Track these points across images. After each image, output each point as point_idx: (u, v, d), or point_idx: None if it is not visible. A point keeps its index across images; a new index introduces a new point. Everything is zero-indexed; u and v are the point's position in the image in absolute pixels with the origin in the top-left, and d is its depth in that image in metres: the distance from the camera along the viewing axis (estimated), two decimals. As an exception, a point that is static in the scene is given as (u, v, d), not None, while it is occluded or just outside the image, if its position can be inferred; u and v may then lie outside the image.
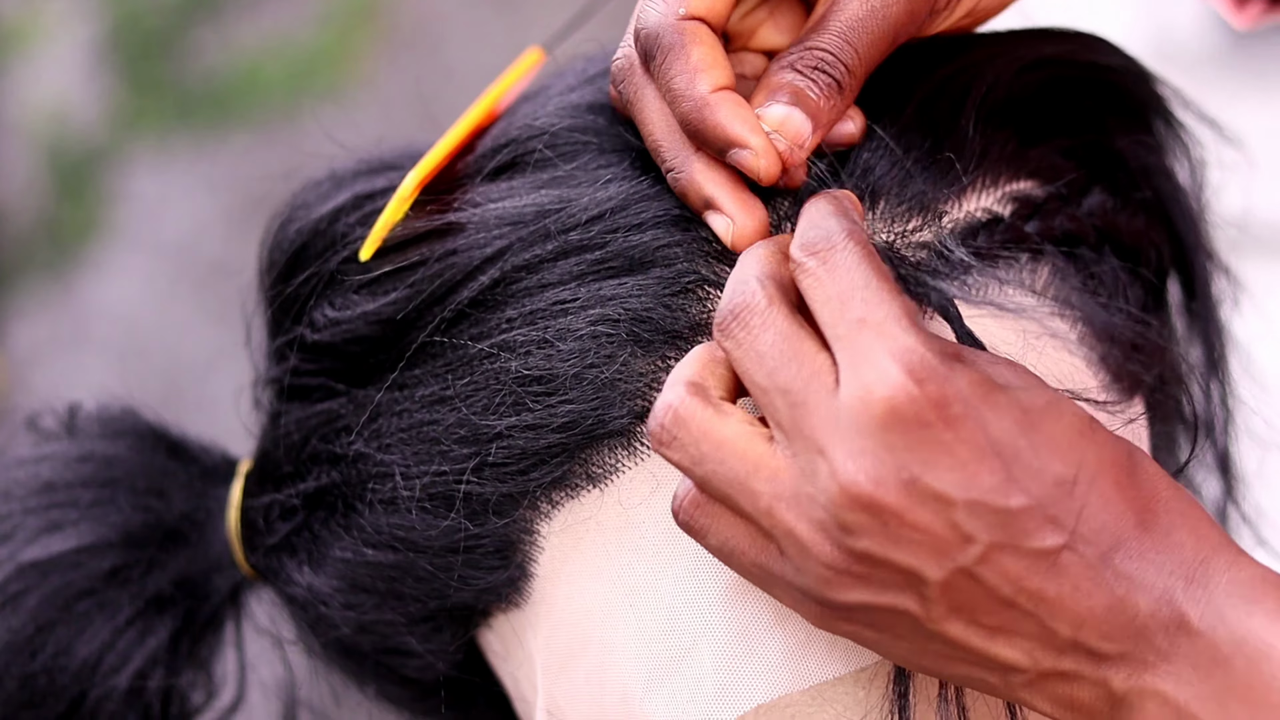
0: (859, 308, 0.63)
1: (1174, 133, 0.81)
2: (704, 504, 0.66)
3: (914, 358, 0.62)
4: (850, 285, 0.64)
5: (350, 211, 0.78)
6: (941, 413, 0.62)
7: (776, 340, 0.65)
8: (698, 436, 0.65)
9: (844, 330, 0.63)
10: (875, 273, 0.64)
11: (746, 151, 0.69)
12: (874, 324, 0.63)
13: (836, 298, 0.64)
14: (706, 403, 0.65)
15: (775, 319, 0.65)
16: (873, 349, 0.63)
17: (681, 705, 0.71)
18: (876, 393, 0.62)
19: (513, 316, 0.73)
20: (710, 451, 0.65)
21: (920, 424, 0.62)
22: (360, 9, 2.68)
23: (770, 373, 0.64)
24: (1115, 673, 0.64)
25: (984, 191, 0.73)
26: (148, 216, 2.64)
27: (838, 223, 0.65)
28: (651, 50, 0.71)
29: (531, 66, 0.84)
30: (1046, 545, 0.63)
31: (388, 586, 0.77)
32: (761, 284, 0.66)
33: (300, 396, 0.79)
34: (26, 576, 0.83)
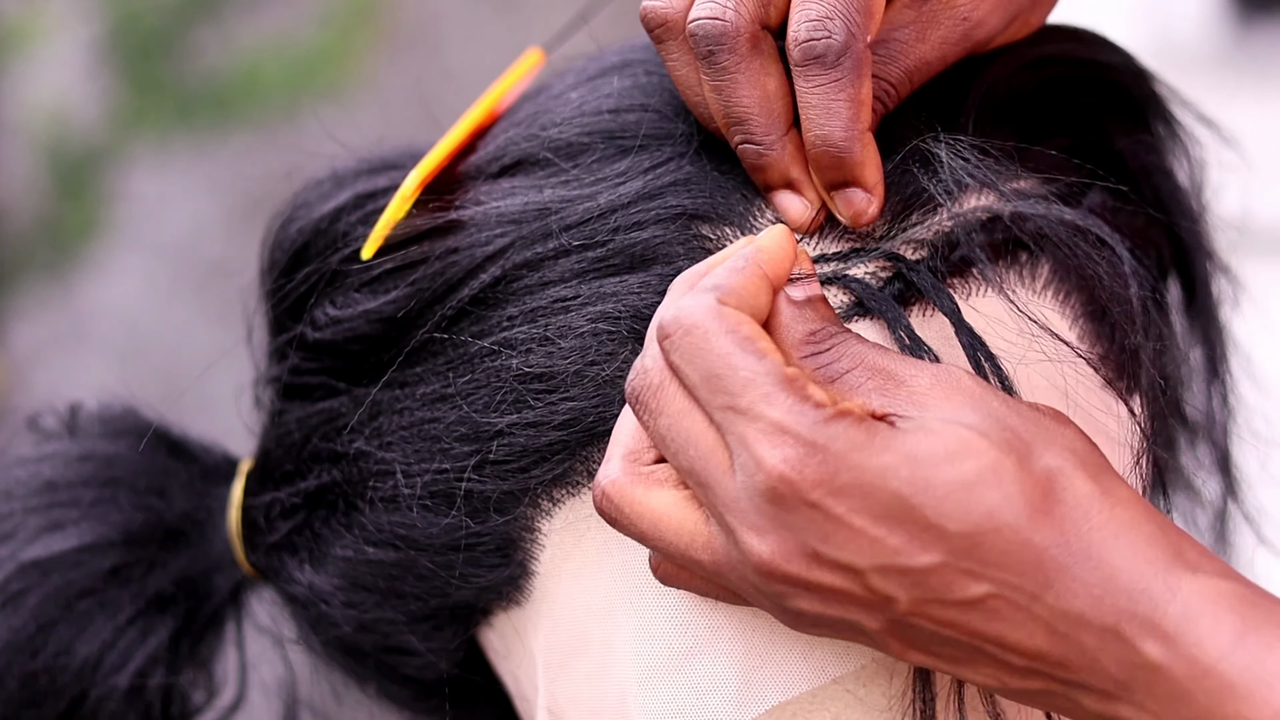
0: (722, 395, 0.63)
1: (1173, 132, 0.81)
2: (672, 572, 0.68)
3: (786, 438, 0.62)
4: (710, 369, 0.64)
5: (351, 211, 0.78)
6: (827, 488, 0.62)
7: (670, 423, 0.65)
8: (633, 517, 0.66)
9: (718, 417, 0.64)
10: (737, 347, 0.64)
11: (863, 196, 0.70)
12: (740, 409, 0.63)
13: (701, 384, 0.64)
14: (636, 478, 0.66)
15: (667, 401, 0.65)
16: (746, 435, 0.63)
17: (684, 704, 0.71)
18: (758, 480, 0.62)
19: (514, 314, 0.73)
20: (649, 530, 0.66)
21: (808, 505, 0.62)
22: (360, 9, 2.68)
23: (674, 455, 0.65)
24: (1084, 697, 0.63)
25: (984, 190, 0.73)
26: (148, 216, 2.64)
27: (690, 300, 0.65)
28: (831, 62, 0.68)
29: (532, 67, 0.84)
30: (970, 595, 0.62)
31: (389, 585, 0.77)
32: (655, 361, 0.66)
33: (301, 395, 0.79)
34: (28, 575, 0.83)
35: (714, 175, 0.73)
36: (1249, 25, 2.25)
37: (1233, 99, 1.01)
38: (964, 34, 0.72)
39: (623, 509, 0.66)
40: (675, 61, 0.73)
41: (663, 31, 0.72)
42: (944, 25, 0.72)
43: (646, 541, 0.66)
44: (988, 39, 0.73)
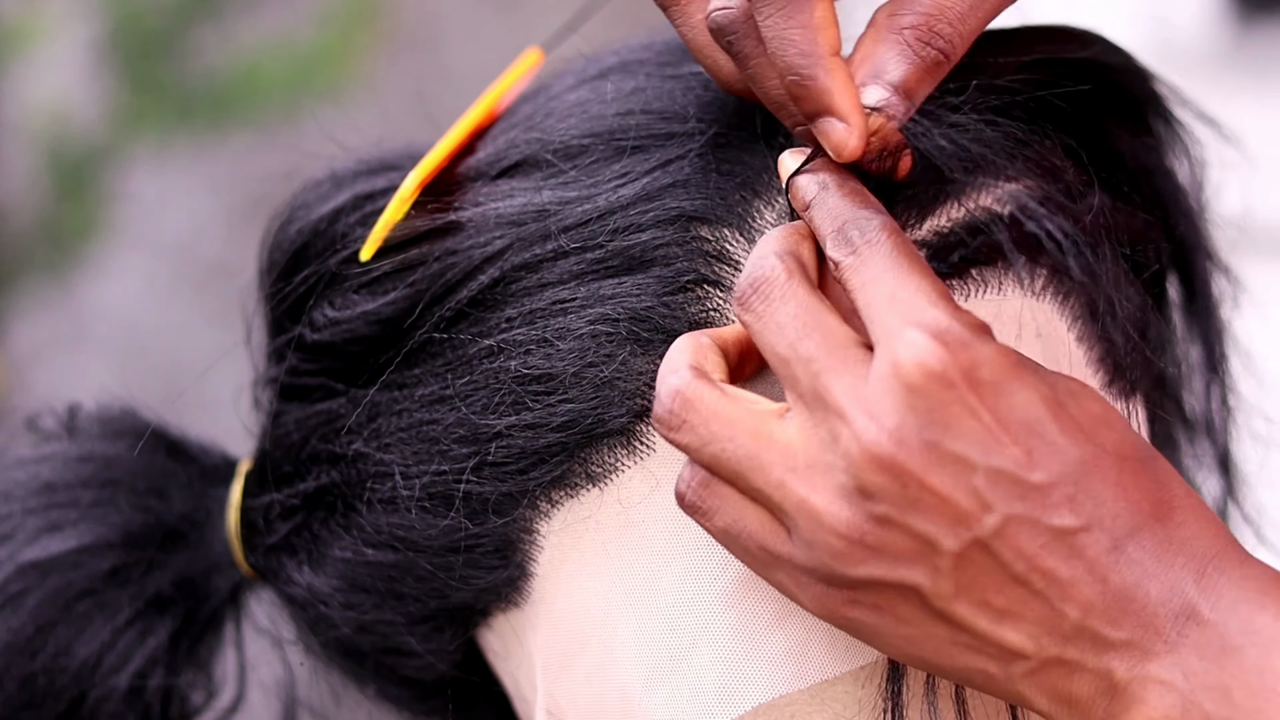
0: (890, 286, 0.64)
1: (1173, 132, 0.81)
2: (711, 484, 0.66)
3: (942, 326, 0.63)
4: (882, 270, 0.64)
5: (350, 212, 0.78)
6: (968, 378, 0.62)
7: (798, 312, 0.65)
8: (707, 417, 0.65)
9: (876, 309, 0.64)
10: (907, 258, 0.65)
11: (841, 125, 0.68)
12: (904, 299, 0.63)
13: (871, 280, 0.64)
14: (711, 384, 0.66)
15: (796, 291, 0.65)
16: (903, 321, 0.63)
17: (681, 704, 0.71)
18: (903, 357, 0.62)
19: (512, 316, 0.73)
20: (720, 430, 0.65)
21: (946, 386, 0.62)
22: (360, 9, 2.68)
23: (792, 343, 0.65)
24: (1119, 661, 0.63)
25: (983, 191, 0.73)
26: (148, 216, 2.64)
27: (870, 214, 0.66)
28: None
29: (531, 67, 0.84)
30: (1064, 524, 0.63)
31: (387, 586, 0.77)
32: (780, 258, 0.66)
33: (300, 396, 0.79)
34: (26, 577, 0.83)
35: (713, 177, 0.73)
36: (1249, 25, 2.25)
37: (1232, 99, 1.01)
38: None
39: (697, 407, 0.65)
40: (682, 25, 0.72)
41: None
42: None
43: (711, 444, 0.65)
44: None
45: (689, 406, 0.65)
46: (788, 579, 0.66)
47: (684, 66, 0.77)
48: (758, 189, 0.73)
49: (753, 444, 0.65)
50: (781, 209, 0.73)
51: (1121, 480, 0.63)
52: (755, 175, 0.73)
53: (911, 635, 0.65)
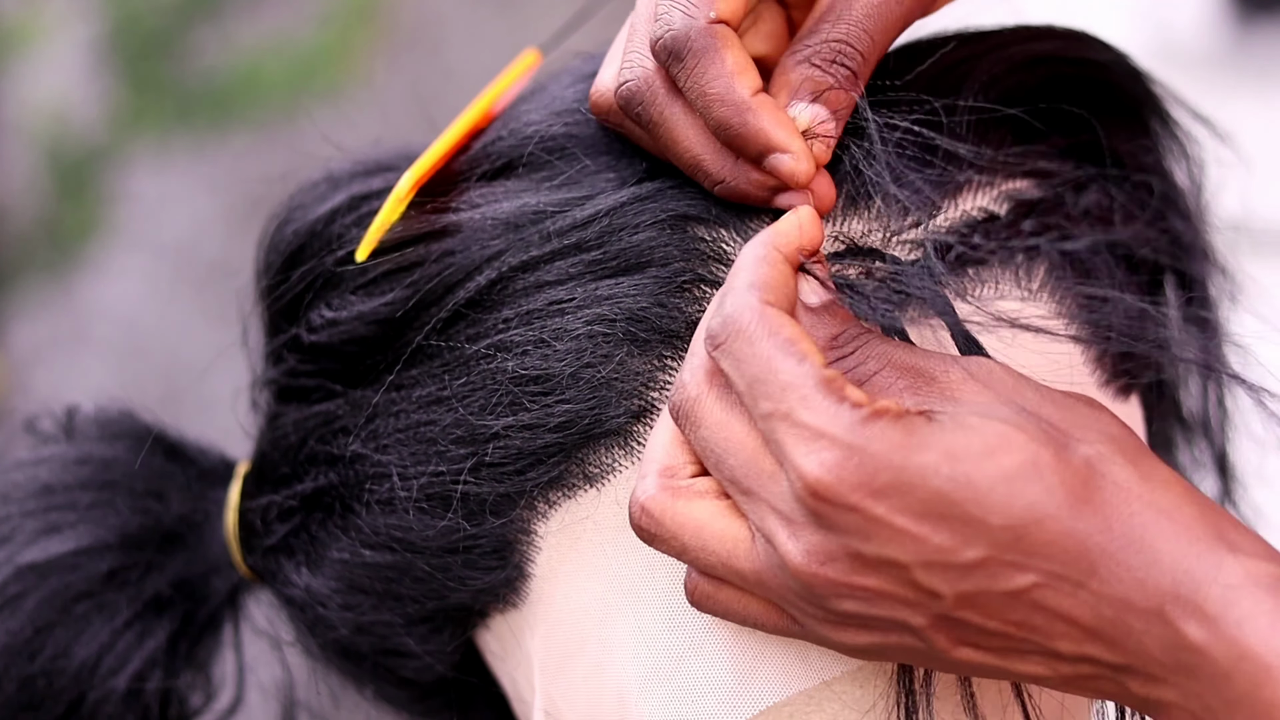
0: (765, 402, 0.63)
1: (1170, 132, 0.81)
2: (710, 591, 0.67)
3: (824, 443, 0.62)
4: (754, 376, 0.64)
5: (346, 213, 0.78)
6: (867, 490, 0.62)
7: (712, 433, 0.65)
8: (675, 529, 0.66)
9: (760, 424, 0.64)
10: (778, 351, 0.63)
11: (787, 156, 0.69)
12: (780, 415, 0.63)
13: (746, 390, 0.64)
14: (675, 492, 0.66)
15: (707, 412, 0.65)
16: (785, 441, 0.63)
17: (680, 705, 0.71)
18: (798, 486, 0.62)
19: (509, 317, 0.73)
20: (690, 541, 0.66)
21: (848, 508, 0.62)
22: (360, 9, 2.68)
23: (716, 464, 0.65)
24: (1131, 680, 0.63)
25: (980, 190, 0.73)
26: (148, 216, 2.64)
27: (736, 300, 0.65)
28: (681, 53, 0.69)
29: (529, 67, 0.84)
30: (1017, 586, 0.62)
31: (385, 587, 0.77)
32: (693, 374, 0.66)
33: (297, 398, 0.79)
34: (25, 579, 0.83)
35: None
36: (1249, 25, 2.25)
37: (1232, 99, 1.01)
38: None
39: (663, 522, 0.66)
40: (639, 139, 0.73)
41: (611, 117, 0.73)
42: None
43: (687, 554, 0.66)
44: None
45: (655, 521, 0.66)
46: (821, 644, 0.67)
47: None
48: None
49: (722, 550, 0.65)
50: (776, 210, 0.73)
51: (1058, 527, 0.62)
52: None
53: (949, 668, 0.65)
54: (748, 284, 0.65)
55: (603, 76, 0.73)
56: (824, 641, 0.66)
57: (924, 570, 0.62)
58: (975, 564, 0.62)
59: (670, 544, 0.66)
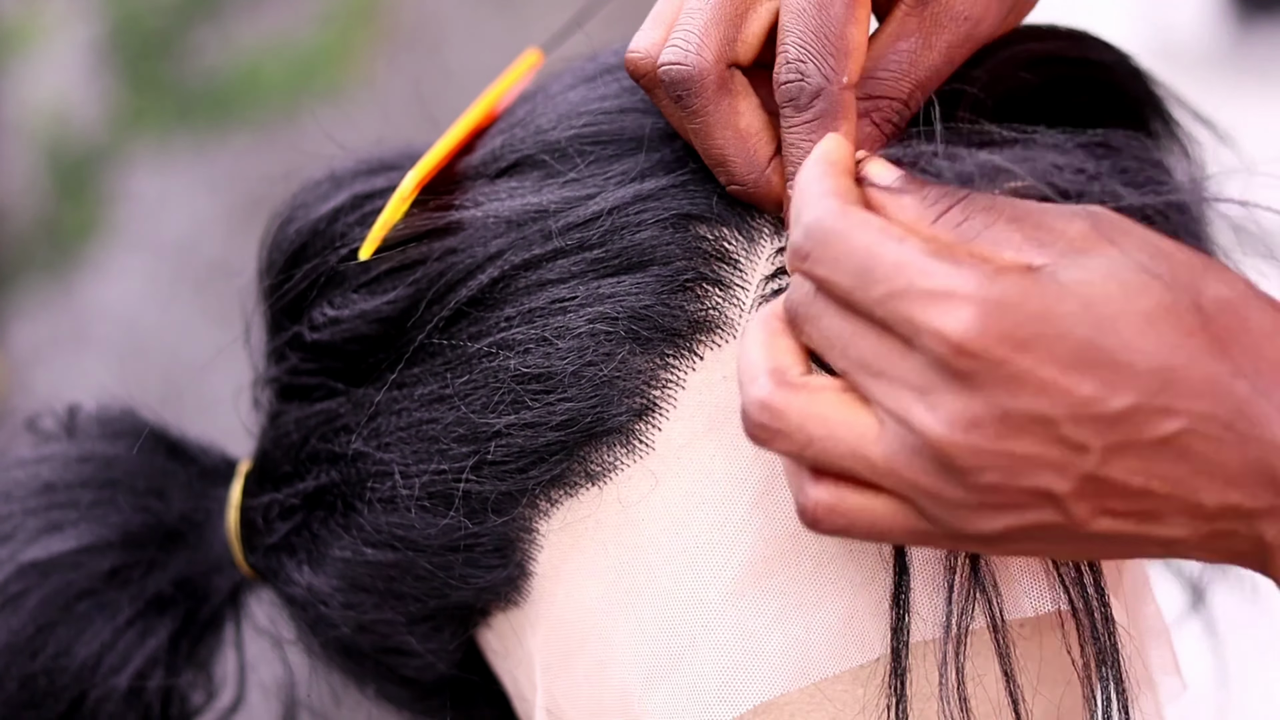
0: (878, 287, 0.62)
1: (1171, 132, 0.81)
2: (832, 502, 0.65)
3: (958, 301, 0.61)
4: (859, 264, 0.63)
5: (349, 211, 0.78)
6: (1011, 343, 0.61)
7: (832, 322, 0.64)
8: (800, 422, 0.64)
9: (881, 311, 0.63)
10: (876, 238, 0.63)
11: None
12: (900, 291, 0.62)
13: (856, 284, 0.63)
14: (794, 387, 0.65)
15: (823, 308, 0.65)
16: (914, 310, 0.62)
17: (681, 703, 0.71)
18: (940, 350, 0.61)
19: (511, 315, 0.73)
20: (817, 432, 0.64)
21: (994, 362, 0.61)
22: (360, 9, 2.68)
23: (842, 352, 0.64)
24: (1267, 526, 0.63)
25: (981, 190, 0.73)
26: (148, 216, 2.64)
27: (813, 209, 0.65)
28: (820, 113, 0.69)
29: (530, 67, 0.84)
30: (1166, 432, 0.62)
31: (387, 586, 0.77)
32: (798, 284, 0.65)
33: (299, 396, 0.79)
34: (26, 577, 0.83)
35: (712, 177, 0.73)
36: (1249, 25, 2.25)
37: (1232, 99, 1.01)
38: (967, 34, 0.72)
39: (788, 415, 0.64)
40: (664, 107, 0.73)
41: (645, 81, 0.73)
42: (948, 29, 0.72)
43: (813, 446, 0.64)
44: (990, 34, 0.73)
45: (778, 416, 0.64)
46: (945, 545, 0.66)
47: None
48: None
49: (852, 439, 0.64)
50: (780, 209, 0.73)
51: (1205, 364, 0.62)
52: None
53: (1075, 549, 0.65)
54: (820, 192, 0.65)
55: (647, 39, 0.72)
56: (958, 534, 0.64)
57: (1073, 423, 0.62)
58: (1124, 412, 0.62)
59: (795, 438, 0.64)
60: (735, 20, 0.71)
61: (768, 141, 0.71)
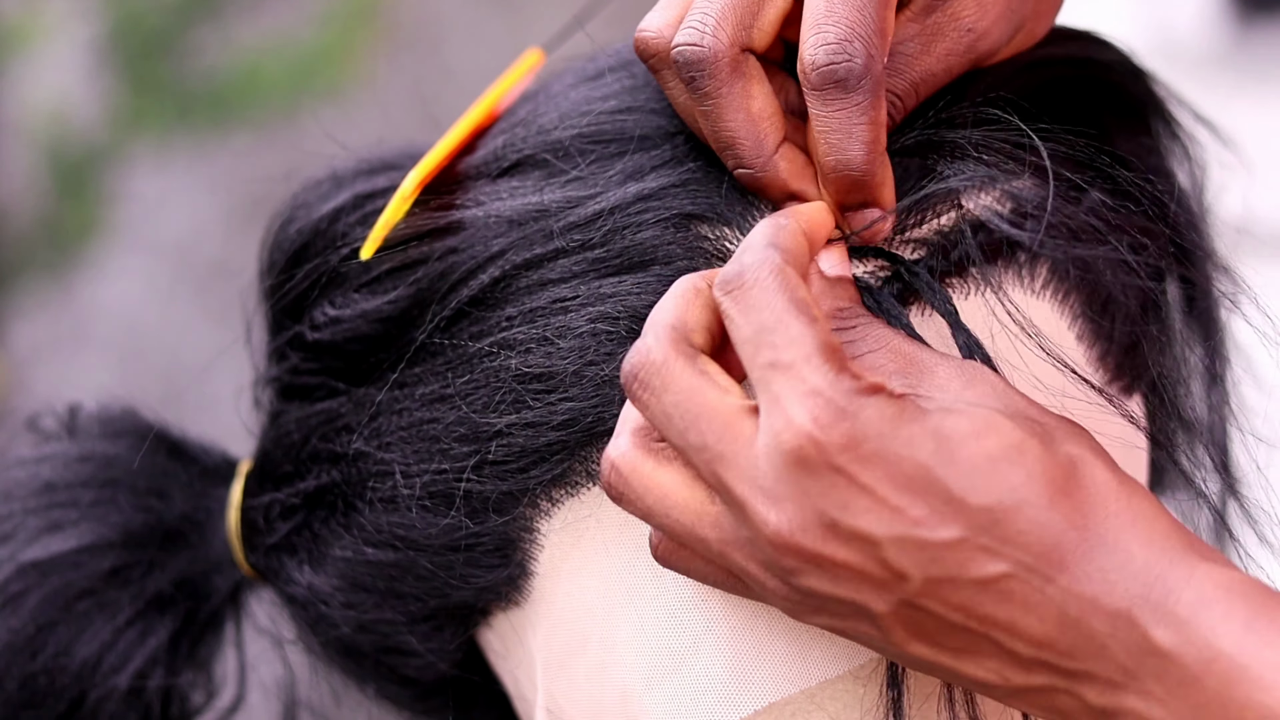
0: (768, 351, 0.63)
1: (1172, 133, 0.81)
2: (674, 548, 0.67)
3: (820, 400, 0.62)
4: (762, 324, 0.63)
5: (350, 211, 0.78)
6: (852, 454, 0.62)
7: (678, 399, 0.64)
8: (641, 491, 0.66)
9: (757, 374, 0.63)
10: (791, 308, 0.63)
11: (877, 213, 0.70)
12: (782, 366, 0.63)
13: (750, 339, 0.64)
14: (647, 453, 0.66)
15: (674, 377, 0.65)
16: (781, 393, 0.62)
17: (682, 704, 0.71)
18: (784, 440, 0.62)
19: (513, 314, 0.73)
20: (655, 505, 0.66)
21: (831, 469, 0.62)
22: (360, 9, 2.68)
23: (680, 433, 0.64)
24: (1088, 689, 0.63)
25: (982, 190, 0.73)
26: (148, 216, 2.64)
27: (756, 255, 0.65)
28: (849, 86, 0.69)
29: (531, 67, 0.84)
30: (986, 574, 0.62)
31: (388, 585, 0.77)
32: (658, 338, 0.65)
33: (300, 396, 0.79)
34: (27, 576, 0.83)
35: (714, 176, 0.73)
36: (1249, 25, 2.25)
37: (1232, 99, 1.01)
38: (969, 45, 0.72)
39: (630, 482, 0.66)
40: (671, 89, 0.73)
41: (655, 62, 0.72)
42: (949, 37, 0.72)
43: (651, 517, 0.66)
44: (992, 50, 0.73)
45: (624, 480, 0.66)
46: None
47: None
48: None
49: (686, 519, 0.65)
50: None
51: (1036, 516, 0.62)
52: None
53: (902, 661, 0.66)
54: (769, 242, 0.65)
55: (659, 19, 0.72)
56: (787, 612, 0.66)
57: (897, 547, 0.62)
58: (948, 544, 0.62)
59: (636, 505, 0.66)
60: (752, 6, 0.71)
61: (777, 128, 0.71)
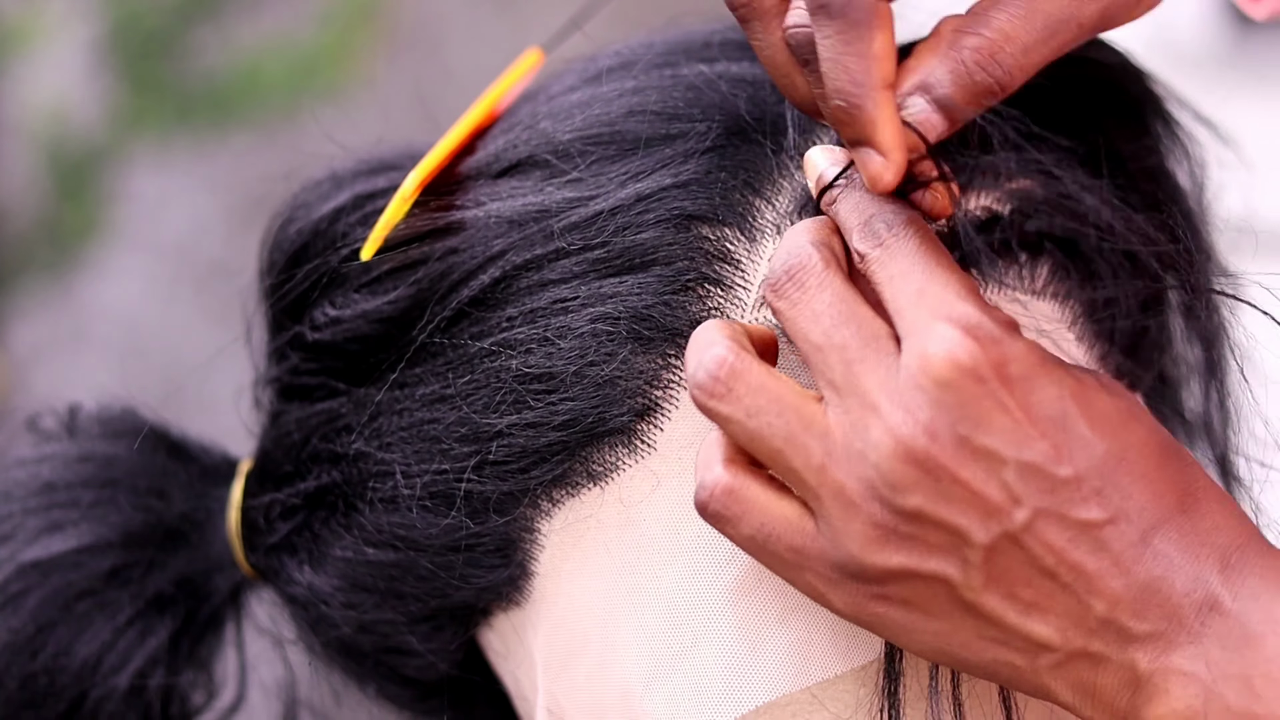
0: (918, 280, 0.64)
1: (1172, 132, 0.81)
2: (734, 490, 0.66)
3: (972, 321, 0.63)
4: (910, 264, 0.65)
5: (350, 211, 0.78)
6: (998, 373, 0.63)
7: (834, 300, 0.65)
8: (754, 388, 0.65)
9: (904, 302, 0.64)
10: (935, 253, 0.65)
11: (879, 159, 0.66)
12: (932, 294, 0.64)
13: (899, 275, 0.65)
14: (756, 359, 0.66)
15: (832, 280, 0.66)
16: (932, 315, 0.63)
17: (682, 703, 0.71)
18: (934, 351, 0.63)
19: (513, 315, 0.73)
20: (766, 404, 0.65)
21: (977, 381, 0.63)
22: (360, 9, 2.67)
23: (826, 330, 0.65)
24: (1143, 653, 0.64)
25: (983, 190, 0.74)
26: (148, 216, 2.64)
27: (896, 209, 0.66)
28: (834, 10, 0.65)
29: (531, 67, 0.84)
30: (1091, 518, 0.63)
31: (388, 585, 0.77)
32: (816, 247, 0.66)
33: (301, 396, 0.79)
34: (27, 577, 0.83)
35: (714, 176, 0.73)
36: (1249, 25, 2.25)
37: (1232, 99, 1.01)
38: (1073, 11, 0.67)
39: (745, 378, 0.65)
40: (760, 42, 0.70)
41: (747, 11, 0.69)
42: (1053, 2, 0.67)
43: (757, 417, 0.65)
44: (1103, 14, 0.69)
45: (736, 376, 0.65)
46: (817, 579, 0.66)
47: (685, 66, 0.77)
48: (759, 188, 0.73)
49: (796, 421, 0.65)
50: (782, 209, 0.73)
51: (1147, 473, 0.64)
52: (756, 175, 0.74)
53: (940, 630, 0.65)
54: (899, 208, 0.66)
55: None
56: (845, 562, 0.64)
57: (1018, 471, 0.63)
58: (1067, 480, 0.63)
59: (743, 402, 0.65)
60: None
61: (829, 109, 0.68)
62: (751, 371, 0.65)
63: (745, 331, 0.68)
